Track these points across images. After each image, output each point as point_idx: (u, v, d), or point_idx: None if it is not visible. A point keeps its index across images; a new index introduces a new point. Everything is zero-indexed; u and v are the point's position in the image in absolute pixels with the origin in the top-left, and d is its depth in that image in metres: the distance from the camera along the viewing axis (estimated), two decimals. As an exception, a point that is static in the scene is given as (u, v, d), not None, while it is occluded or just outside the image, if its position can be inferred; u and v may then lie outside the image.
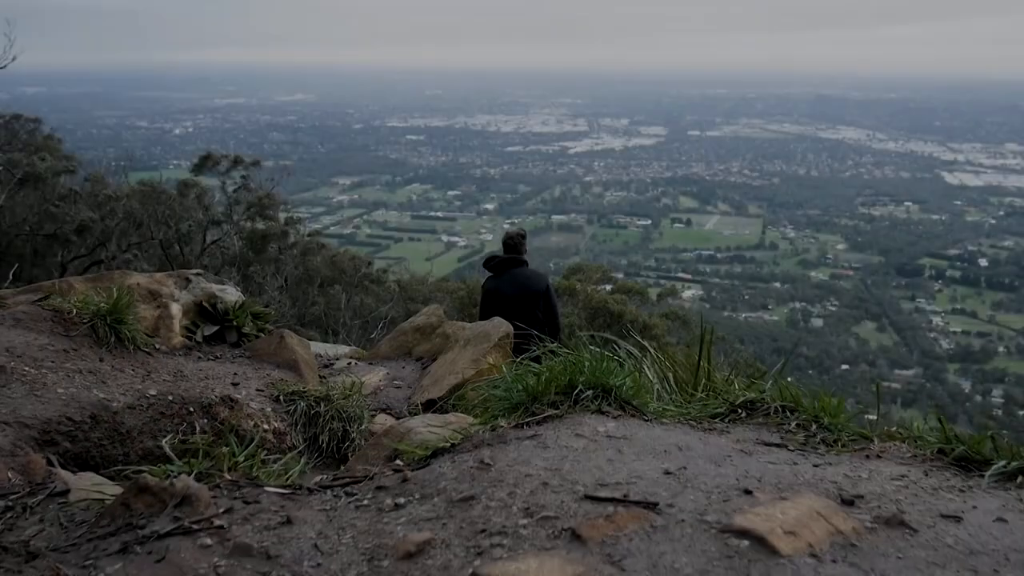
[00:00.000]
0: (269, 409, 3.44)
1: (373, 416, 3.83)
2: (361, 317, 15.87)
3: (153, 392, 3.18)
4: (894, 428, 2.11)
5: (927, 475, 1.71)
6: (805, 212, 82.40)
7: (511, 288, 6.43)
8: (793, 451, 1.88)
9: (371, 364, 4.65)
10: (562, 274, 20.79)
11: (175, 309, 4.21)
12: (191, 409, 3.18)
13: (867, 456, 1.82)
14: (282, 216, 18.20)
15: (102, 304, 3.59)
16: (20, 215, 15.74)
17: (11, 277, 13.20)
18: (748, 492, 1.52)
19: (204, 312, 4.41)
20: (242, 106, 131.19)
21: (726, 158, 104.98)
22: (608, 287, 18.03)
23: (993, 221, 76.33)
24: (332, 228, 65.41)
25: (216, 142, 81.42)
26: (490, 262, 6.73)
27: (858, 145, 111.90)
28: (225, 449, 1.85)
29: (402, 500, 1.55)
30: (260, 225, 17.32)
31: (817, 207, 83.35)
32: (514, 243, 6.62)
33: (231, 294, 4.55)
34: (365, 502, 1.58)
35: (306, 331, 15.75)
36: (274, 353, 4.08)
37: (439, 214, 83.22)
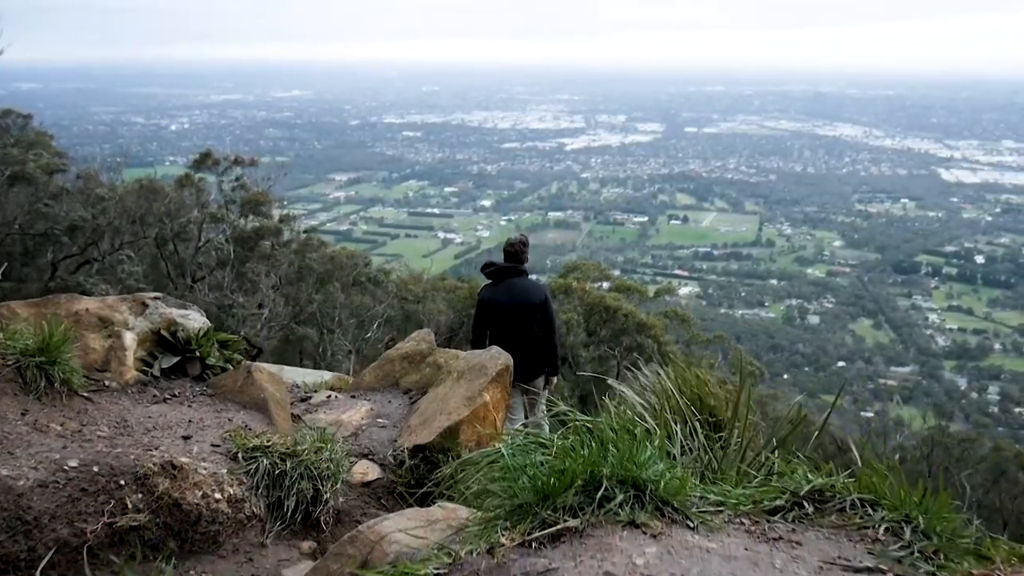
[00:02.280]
0: (224, 471, 2.88)
1: (353, 464, 3.34)
2: (357, 316, 15.66)
3: (74, 463, 2.59)
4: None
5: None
6: (802, 209, 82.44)
7: (508, 299, 6.16)
8: (894, 580, 1.43)
9: (353, 397, 4.18)
10: (559, 272, 20.59)
11: (128, 339, 3.70)
12: (122, 482, 2.60)
13: (998, 592, 1.37)
14: (276, 213, 17.98)
15: (30, 341, 3.04)
16: (11, 213, 15.49)
17: (0, 277, 12.99)
18: None
19: (163, 341, 3.89)
20: (238, 102, 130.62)
21: (723, 155, 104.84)
22: (605, 285, 17.83)
23: (989, 218, 76.46)
24: (328, 225, 65.27)
25: (212, 138, 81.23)
26: (487, 268, 6.42)
27: (855, 142, 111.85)
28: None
29: None
30: (254, 223, 17.10)
31: (814, 204, 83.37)
32: (515, 251, 6.30)
33: (194, 320, 4.05)
34: None
35: (302, 329, 15.58)
36: (240, 391, 3.59)
37: (436, 211, 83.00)
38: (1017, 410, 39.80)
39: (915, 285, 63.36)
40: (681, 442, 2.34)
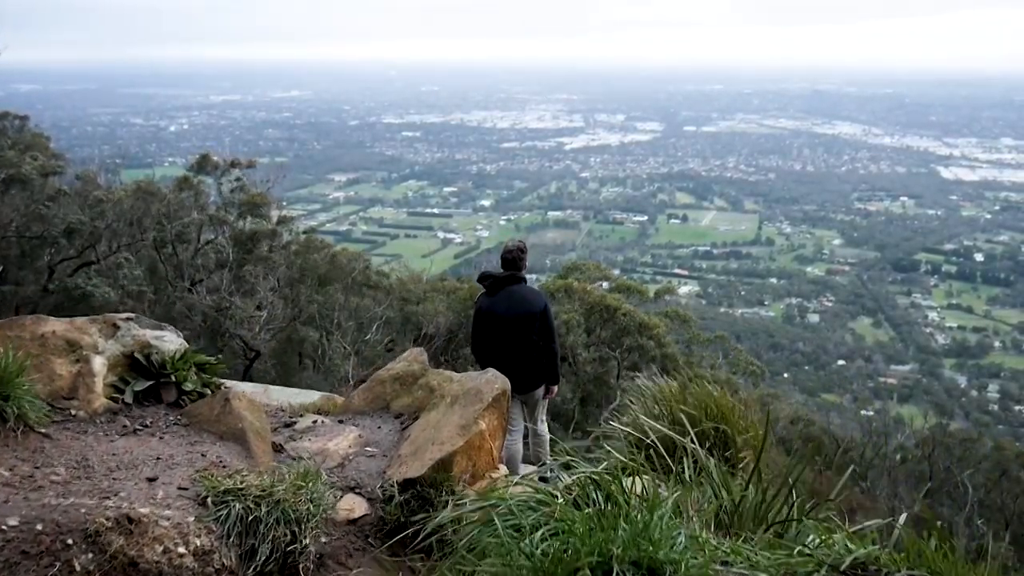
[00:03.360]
0: (191, 519, 2.58)
1: (338, 499, 3.08)
2: (357, 318, 15.61)
3: (14, 521, 2.27)
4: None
5: None
6: (801, 207, 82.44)
7: (506, 308, 5.98)
8: None
9: (341, 421, 3.96)
10: (559, 272, 20.51)
11: (98, 364, 3.47)
12: (70, 541, 2.28)
13: None
14: (275, 215, 17.91)
15: (-20, 372, 2.76)
16: (7, 216, 15.42)
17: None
18: None
19: (136, 365, 3.65)
20: (237, 103, 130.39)
21: (722, 154, 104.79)
22: (605, 284, 17.76)
23: (988, 216, 76.50)
24: (328, 225, 65.28)
25: (212, 139, 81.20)
26: (485, 279, 6.22)
27: (854, 140, 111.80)
28: None
29: None
30: (251, 225, 17.02)
31: (813, 202, 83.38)
32: (513, 257, 6.10)
33: (170, 342, 3.80)
34: None
35: (304, 330, 15.51)
36: (217, 420, 3.33)
37: (435, 211, 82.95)
38: (1017, 408, 39.81)
39: (914, 283, 63.40)
40: (698, 477, 2.18)
